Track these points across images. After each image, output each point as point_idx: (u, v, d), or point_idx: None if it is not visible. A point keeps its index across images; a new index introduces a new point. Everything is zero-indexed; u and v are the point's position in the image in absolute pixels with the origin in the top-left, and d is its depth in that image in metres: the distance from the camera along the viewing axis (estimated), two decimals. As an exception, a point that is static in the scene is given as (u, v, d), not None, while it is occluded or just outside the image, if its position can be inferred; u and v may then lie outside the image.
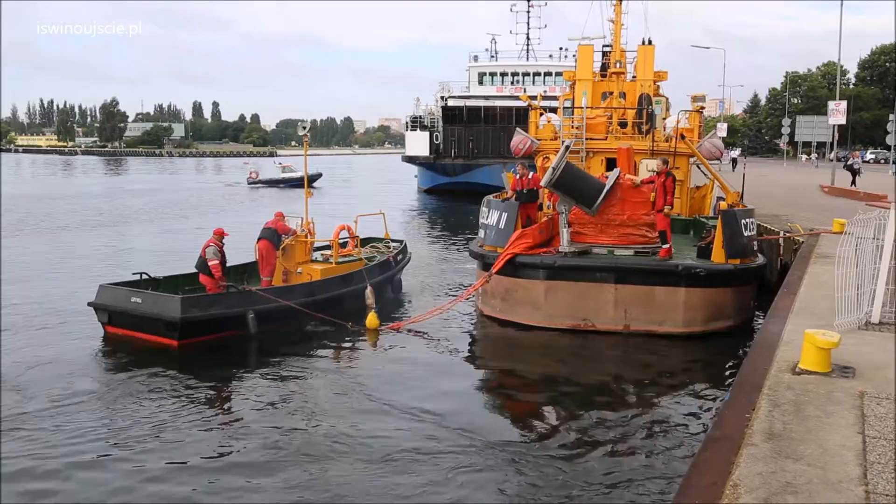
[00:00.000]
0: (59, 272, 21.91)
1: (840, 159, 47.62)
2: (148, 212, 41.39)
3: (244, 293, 14.57)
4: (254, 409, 10.92)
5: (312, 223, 17.34)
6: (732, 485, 4.82)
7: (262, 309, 14.32)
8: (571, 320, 14.99)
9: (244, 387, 12.06)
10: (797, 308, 10.15)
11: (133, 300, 13.86)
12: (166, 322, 13.44)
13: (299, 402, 11.23)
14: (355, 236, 18.75)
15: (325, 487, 8.42)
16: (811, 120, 66.78)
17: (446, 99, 57.68)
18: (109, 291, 14.33)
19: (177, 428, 10.08)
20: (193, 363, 12.96)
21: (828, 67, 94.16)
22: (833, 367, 7.18)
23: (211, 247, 14.87)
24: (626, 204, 15.28)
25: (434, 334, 15.19)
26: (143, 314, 13.71)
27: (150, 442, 9.61)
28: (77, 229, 33.14)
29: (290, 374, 12.60)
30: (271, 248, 16.22)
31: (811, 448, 5.43)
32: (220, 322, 13.96)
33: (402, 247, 20.21)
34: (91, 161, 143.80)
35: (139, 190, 62.33)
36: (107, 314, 14.22)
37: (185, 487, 8.49)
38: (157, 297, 13.99)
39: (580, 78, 23.81)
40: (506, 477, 8.69)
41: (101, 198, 52.48)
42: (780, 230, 18.98)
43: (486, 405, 11.60)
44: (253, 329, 14.05)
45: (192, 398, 11.31)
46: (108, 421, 10.31)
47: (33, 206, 43.93)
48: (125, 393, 11.41)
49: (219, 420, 10.66)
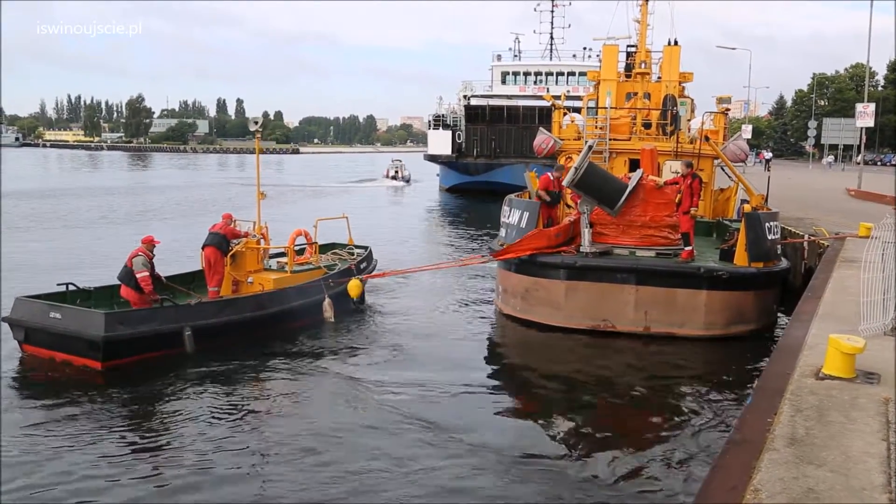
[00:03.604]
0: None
1: (868, 162, 46.99)
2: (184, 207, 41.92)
3: (180, 307, 13.08)
4: (193, 440, 9.55)
5: (266, 228, 15.89)
6: (753, 489, 4.76)
7: (201, 325, 12.92)
8: (591, 321, 14.90)
9: (179, 415, 10.46)
10: (821, 312, 10.02)
11: (52, 315, 12.20)
12: (88, 341, 11.88)
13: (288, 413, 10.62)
14: (313, 242, 17.18)
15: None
16: (838, 122, 65.90)
17: (469, 98, 57.76)
18: (26, 305, 12.56)
19: (96, 465, 8.77)
20: (119, 387, 11.33)
21: (856, 69, 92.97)
22: (857, 372, 7.08)
23: (139, 256, 13.19)
24: (649, 205, 15.16)
25: (451, 333, 15.22)
26: (62, 332, 12.06)
27: (65, 484, 8.27)
28: (104, 224, 33.57)
29: (246, 394, 11.39)
30: (219, 255, 14.58)
31: (834, 454, 5.36)
32: (152, 340, 12.36)
33: (366, 254, 18.70)
34: (116, 156, 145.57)
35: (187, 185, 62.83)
36: (23, 331, 12.49)
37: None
38: (78, 312, 12.40)
39: (605, 78, 23.68)
40: (523, 477, 8.66)
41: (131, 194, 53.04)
42: (805, 234, 18.76)
43: (502, 405, 11.56)
44: (190, 348, 12.58)
45: (114, 430, 9.85)
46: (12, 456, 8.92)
47: (59, 201, 44.47)
48: (31, 423, 9.89)
49: (149, 458, 9.11)
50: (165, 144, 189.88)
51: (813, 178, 51.74)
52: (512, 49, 65.97)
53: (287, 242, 16.20)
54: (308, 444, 9.38)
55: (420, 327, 15.44)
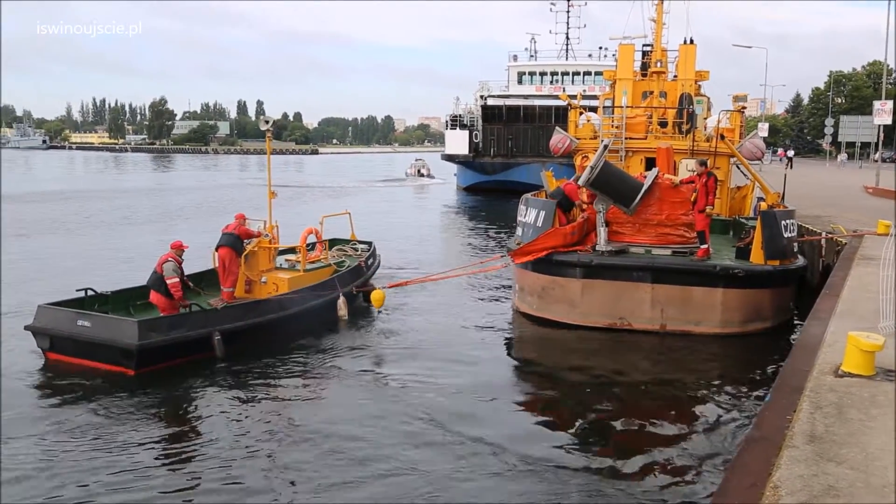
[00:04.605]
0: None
1: (885, 160, 46.48)
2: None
3: (208, 312, 12.98)
4: (222, 445, 9.38)
5: (276, 227, 15.68)
6: (773, 486, 4.71)
7: (229, 328, 12.80)
8: (607, 319, 14.83)
9: (208, 418, 10.39)
10: (840, 310, 9.90)
11: (80, 323, 11.95)
12: (121, 349, 11.67)
13: (313, 412, 10.63)
14: (323, 240, 17.11)
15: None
16: (855, 120, 65.08)
17: (486, 98, 57.78)
18: (51, 313, 12.32)
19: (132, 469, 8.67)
20: (152, 392, 11.17)
21: (873, 66, 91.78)
22: (877, 370, 6.99)
23: (169, 262, 13.07)
24: (665, 204, 15.05)
25: (468, 331, 15.19)
26: (91, 340, 11.83)
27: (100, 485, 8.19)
28: (128, 225, 33.85)
29: (285, 396, 11.27)
30: (234, 255, 14.36)
31: (854, 452, 5.29)
32: (182, 346, 12.22)
33: (371, 250, 18.59)
34: (140, 157, 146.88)
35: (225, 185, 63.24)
36: (48, 339, 12.20)
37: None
38: (109, 320, 12.13)
39: (621, 77, 23.57)
40: (538, 473, 8.61)
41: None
42: (822, 231, 18.56)
43: (519, 403, 11.51)
44: (220, 352, 12.42)
45: (151, 432, 9.81)
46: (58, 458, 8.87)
47: (86, 202, 44.91)
48: (69, 428, 9.77)
49: (181, 463, 8.99)
50: (188, 146, 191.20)
51: (829, 175, 51.21)
52: (528, 49, 65.85)
53: (299, 241, 16.05)
54: (331, 446, 9.33)
55: (436, 325, 15.42)
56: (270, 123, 15.77)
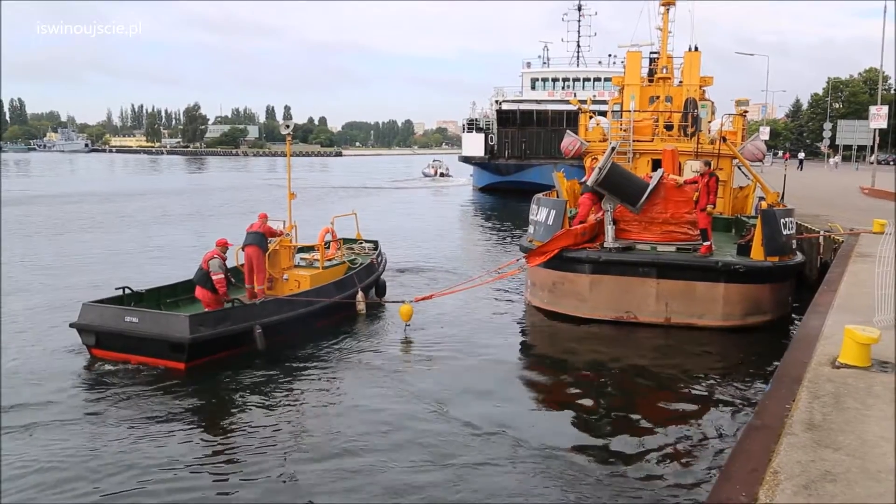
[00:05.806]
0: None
1: (881, 162, 45.93)
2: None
3: (249, 307, 13.00)
4: (263, 438, 9.21)
5: (295, 226, 15.63)
6: (773, 471, 4.69)
7: (268, 322, 12.79)
8: (615, 312, 14.80)
9: (266, 406, 10.38)
10: (837, 304, 9.82)
11: (128, 319, 11.84)
12: (172, 343, 11.58)
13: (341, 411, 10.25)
14: (338, 239, 17.12)
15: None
16: (852, 124, 64.34)
17: (501, 103, 58.02)
18: (97, 310, 12.16)
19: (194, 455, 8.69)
20: (202, 384, 11.16)
21: (869, 73, 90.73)
22: (873, 361, 6.94)
23: (215, 259, 13.17)
24: (669, 203, 14.99)
25: (483, 324, 15.18)
26: (140, 335, 11.71)
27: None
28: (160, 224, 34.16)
29: (322, 387, 11.27)
30: (261, 254, 14.27)
31: (850, 439, 5.25)
32: (228, 339, 12.24)
33: (378, 249, 18.68)
34: (175, 160, 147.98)
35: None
36: (94, 336, 12.06)
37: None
38: (159, 315, 12.09)
39: (629, 83, 23.47)
40: (546, 462, 8.59)
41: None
42: (820, 229, 18.39)
43: (530, 392, 11.51)
44: (261, 345, 12.40)
45: (204, 422, 9.84)
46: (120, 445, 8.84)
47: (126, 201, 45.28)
48: (124, 418, 9.71)
49: (243, 444, 9.04)
50: (219, 149, 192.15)
51: (826, 176, 50.66)
52: (541, 57, 66.03)
53: (318, 239, 16.01)
54: (347, 444, 9.24)
55: (452, 319, 15.36)
56: (291, 127, 15.66)
